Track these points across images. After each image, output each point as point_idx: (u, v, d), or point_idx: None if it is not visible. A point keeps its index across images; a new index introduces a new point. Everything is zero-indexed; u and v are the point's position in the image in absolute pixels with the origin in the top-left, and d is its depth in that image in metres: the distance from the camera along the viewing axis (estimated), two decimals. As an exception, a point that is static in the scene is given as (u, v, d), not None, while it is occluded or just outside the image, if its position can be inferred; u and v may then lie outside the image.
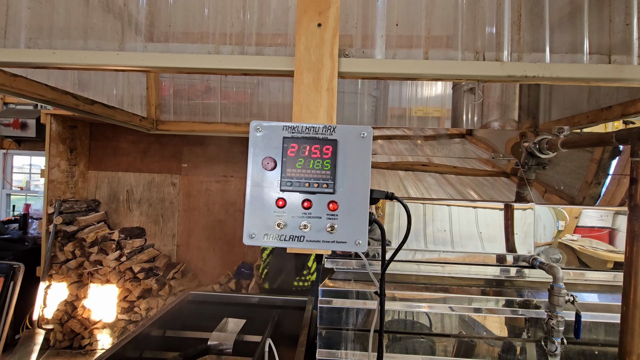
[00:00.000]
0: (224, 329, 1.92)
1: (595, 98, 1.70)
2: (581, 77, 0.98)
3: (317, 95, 0.95)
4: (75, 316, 3.52)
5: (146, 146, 3.97)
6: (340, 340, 1.32)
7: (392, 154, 1.72)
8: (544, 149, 1.33)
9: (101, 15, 1.10)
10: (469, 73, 0.99)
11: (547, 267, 1.21)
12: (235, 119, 3.16)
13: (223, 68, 1.05)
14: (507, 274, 1.38)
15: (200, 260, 4.05)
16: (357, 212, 0.77)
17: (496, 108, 1.62)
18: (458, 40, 1.04)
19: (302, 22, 0.96)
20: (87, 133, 3.95)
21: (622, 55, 0.99)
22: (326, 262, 1.39)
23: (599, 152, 1.56)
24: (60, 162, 3.59)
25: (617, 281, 1.35)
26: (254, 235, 0.77)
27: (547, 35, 1.00)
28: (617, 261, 1.40)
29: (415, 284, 1.42)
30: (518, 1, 1.02)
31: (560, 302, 1.16)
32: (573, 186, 1.53)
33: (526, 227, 1.34)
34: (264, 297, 2.35)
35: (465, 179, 1.57)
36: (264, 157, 0.77)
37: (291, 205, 0.77)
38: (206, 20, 1.11)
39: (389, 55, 1.04)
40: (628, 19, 0.98)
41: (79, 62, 1.04)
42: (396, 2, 1.05)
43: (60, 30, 1.08)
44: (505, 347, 1.35)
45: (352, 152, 0.77)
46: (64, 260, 3.51)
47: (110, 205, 4.03)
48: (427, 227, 1.43)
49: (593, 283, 1.36)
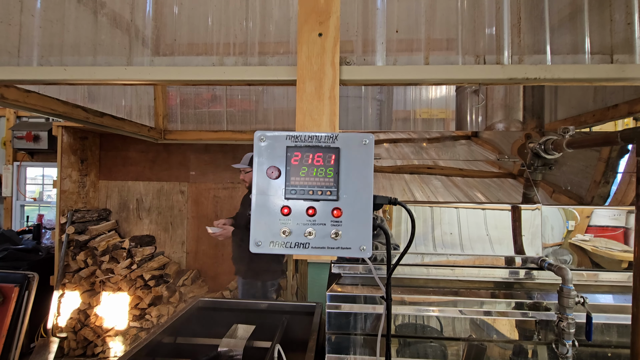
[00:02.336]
0: (234, 335, 1.93)
1: (602, 97, 1.69)
2: (583, 77, 0.98)
3: (319, 103, 0.97)
4: (88, 324, 3.58)
5: (155, 155, 4.04)
6: (349, 345, 1.32)
7: (397, 157, 1.72)
8: (549, 150, 1.33)
9: (109, 32, 1.14)
10: (470, 77, 1.00)
11: (556, 269, 1.20)
12: (241, 126, 3.21)
13: (227, 79, 1.07)
14: (515, 276, 1.36)
15: (209, 267, 4.09)
16: (360, 218, 0.78)
17: (500, 109, 1.61)
18: (458, 44, 1.05)
19: (303, 32, 0.98)
20: (97, 144, 4.04)
21: (625, 54, 0.98)
22: (333, 267, 1.40)
23: (607, 151, 1.54)
24: (72, 173, 3.68)
25: (631, 282, 1.33)
26: (260, 243, 0.79)
27: (547, 37, 1.00)
28: (631, 261, 1.37)
29: (424, 287, 1.41)
30: (517, 4, 1.03)
31: (570, 304, 1.15)
32: (581, 186, 1.51)
33: (533, 228, 1.33)
34: (273, 303, 2.36)
35: (472, 181, 1.57)
36: (269, 167, 0.79)
37: (296, 212, 0.79)
38: (210, 32, 1.14)
39: (390, 61, 1.05)
40: (629, 17, 0.97)
41: (89, 77, 1.08)
42: (396, 9, 1.06)
43: (70, 47, 1.12)
44: (516, 350, 1.34)
45: (354, 160, 0.78)
46: (76, 269, 3.57)
47: (120, 214, 4.10)
48: (434, 230, 1.43)
49: (605, 284, 1.34)
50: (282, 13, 1.12)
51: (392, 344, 1.33)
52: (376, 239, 1.42)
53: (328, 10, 0.97)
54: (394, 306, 1.33)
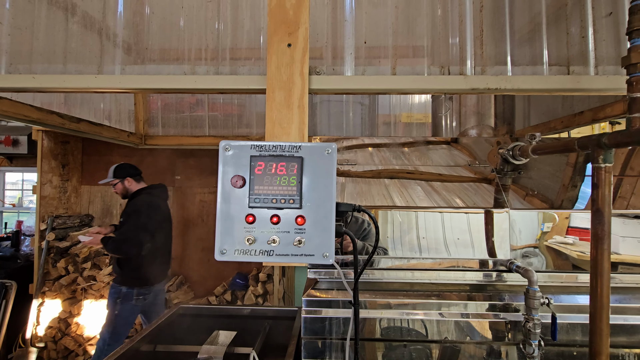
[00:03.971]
0: (215, 342, 1.92)
1: (570, 104, 1.75)
2: (541, 88, 1.02)
3: (288, 112, 0.99)
4: (68, 333, 3.50)
5: (139, 159, 3.99)
6: (324, 349, 1.34)
7: (378, 162, 1.75)
8: (516, 156, 1.37)
9: (80, 40, 1.14)
10: (434, 87, 1.03)
11: (523, 271, 1.24)
12: (223, 130, 3.20)
13: (199, 88, 1.09)
14: (486, 278, 1.40)
15: (195, 272, 4.05)
16: (323, 226, 0.80)
17: (473, 116, 1.66)
18: (424, 55, 1.08)
19: (273, 42, 1.00)
20: (79, 148, 3.97)
21: (580, 65, 1.03)
22: (309, 272, 1.41)
23: (574, 156, 1.60)
24: (53, 178, 3.61)
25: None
26: (225, 251, 0.80)
27: (508, 49, 1.05)
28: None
29: (399, 290, 1.44)
30: (480, 17, 1.07)
31: (535, 305, 1.19)
32: (554, 189, 1.57)
33: (502, 232, 1.37)
34: (256, 309, 2.36)
35: (451, 185, 1.61)
36: (233, 176, 0.80)
37: (260, 220, 0.80)
38: (182, 41, 1.15)
39: (359, 71, 1.08)
40: (583, 31, 1.02)
41: (58, 85, 1.07)
42: (364, 20, 1.09)
43: (40, 55, 1.12)
44: (489, 351, 1.37)
45: (317, 169, 0.80)
46: (57, 277, 3.50)
47: (103, 219, 4.04)
48: (409, 234, 1.46)
49: (571, 285, 1.39)
50: (253, 24, 1.14)
51: (378, 349, 1.35)
52: (367, 241, 1.44)
53: (297, 22, 1.00)
54: (370, 310, 1.35)
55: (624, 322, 1.27)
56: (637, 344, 1.28)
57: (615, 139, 0.91)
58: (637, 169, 1.59)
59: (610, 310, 1.28)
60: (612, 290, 1.39)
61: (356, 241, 0.91)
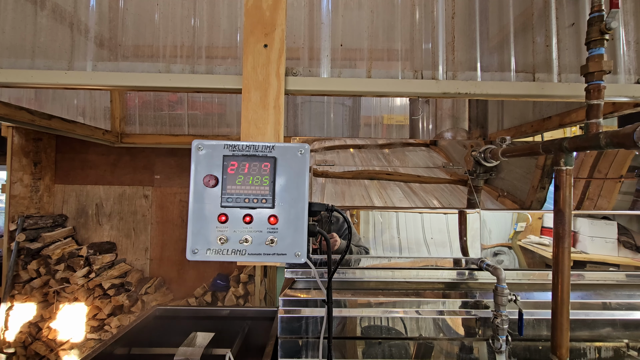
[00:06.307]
0: (192, 344, 1.89)
1: (539, 109, 1.83)
2: (508, 93, 1.07)
3: (264, 112, 0.99)
4: (40, 338, 3.37)
5: (116, 158, 3.88)
6: (301, 348, 1.35)
7: (359, 163, 1.78)
8: (488, 158, 1.42)
9: (50, 34, 1.11)
10: (408, 90, 1.06)
11: (492, 269, 1.29)
12: (203, 130, 3.16)
13: (174, 86, 1.07)
14: (459, 276, 1.45)
15: (174, 274, 3.97)
16: (296, 226, 0.81)
17: (448, 119, 1.71)
18: (399, 59, 1.11)
19: (249, 42, 1.00)
20: (52, 145, 3.82)
21: (545, 73, 1.09)
22: (286, 272, 1.42)
23: (542, 159, 1.67)
24: (24, 177, 3.46)
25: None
26: (196, 251, 0.80)
27: (478, 55, 1.09)
28: (576, 260, 1.49)
29: (375, 289, 1.46)
30: (452, 24, 1.11)
31: (503, 302, 1.24)
32: (524, 190, 1.63)
33: (473, 231, 1.42)
34: (235, 309, 2.34)
35: (429, 186, 1.65)
36: (205, 175, 0.80)
37: (233, 220, 0.80)
38: (157, 38, 1.13)
39: (335, 73, 1.09)
40: (548, 40, 1.08)
41: (26, 81, 1.04)
42: (340, 23, 1.11)
43: (6, 49, 1.08)
44: (461, 347, 1.41)
45: (290, 169, 0.81)
46: (27, 280, 3.35)
47: (78, 220, 3.90)
48: (383, 234, 1.49)
49: (537, 282, 1.45)
50: (230, 23, 1.13)
51: (358, 346, 1.37)
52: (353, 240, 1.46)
53: (273, 23, 1.00)
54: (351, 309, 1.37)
55: (585, 317, 1.34)
56: (598, 337, 1.36)
57: (575, 143, 0.96)
58: (604, 171, 1.68)
59: (573, 305, 1.35)
60: (577, 287, 1.47)
61: (330, 240, 0.92)
